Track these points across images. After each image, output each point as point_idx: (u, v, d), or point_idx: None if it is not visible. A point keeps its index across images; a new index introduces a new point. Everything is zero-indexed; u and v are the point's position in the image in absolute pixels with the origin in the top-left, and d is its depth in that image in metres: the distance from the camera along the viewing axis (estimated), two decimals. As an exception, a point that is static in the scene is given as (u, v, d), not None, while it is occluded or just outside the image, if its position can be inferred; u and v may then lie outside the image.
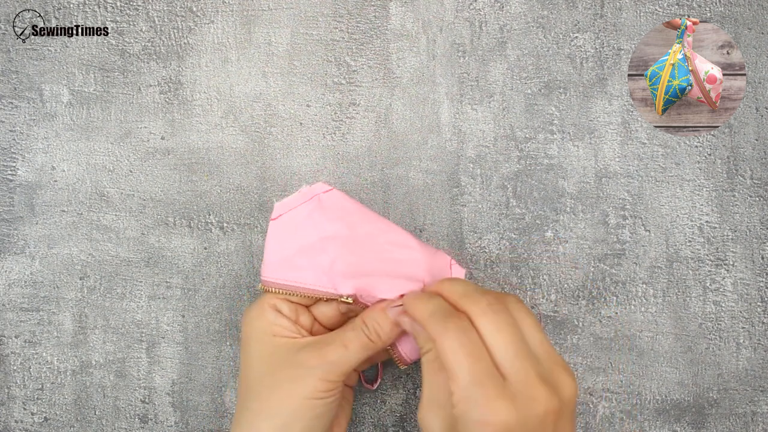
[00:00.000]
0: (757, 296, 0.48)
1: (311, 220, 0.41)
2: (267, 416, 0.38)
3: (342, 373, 0.39)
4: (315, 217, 0.41)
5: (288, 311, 0.41)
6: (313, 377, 0.38)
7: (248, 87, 0.48)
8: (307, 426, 0.38)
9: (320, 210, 0.42)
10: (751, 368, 0.47)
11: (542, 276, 0.47)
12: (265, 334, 0.40)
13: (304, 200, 0.42)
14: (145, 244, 0.47)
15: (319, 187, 0.42)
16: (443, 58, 0.48)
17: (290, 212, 0.42)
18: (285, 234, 0.41)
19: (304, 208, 0.42)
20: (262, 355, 0.40)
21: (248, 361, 0.40)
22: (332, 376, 0.38)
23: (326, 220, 0.41)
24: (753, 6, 0.48)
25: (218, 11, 0.48)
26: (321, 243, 0.41)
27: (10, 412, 0.47)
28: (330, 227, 0.41)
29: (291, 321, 0.40)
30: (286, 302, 0.41)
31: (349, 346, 0.39)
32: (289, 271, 0.41)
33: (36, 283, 0.47)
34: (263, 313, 0.40)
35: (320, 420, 0.39)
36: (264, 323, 0.40)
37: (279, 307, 0.41)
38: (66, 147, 0.47)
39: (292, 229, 0.41)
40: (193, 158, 0.47)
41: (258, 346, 0.40)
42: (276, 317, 0.40)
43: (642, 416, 0.47)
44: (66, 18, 0.47)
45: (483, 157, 0.48)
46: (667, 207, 0.48)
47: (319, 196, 0.42)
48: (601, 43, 0.48)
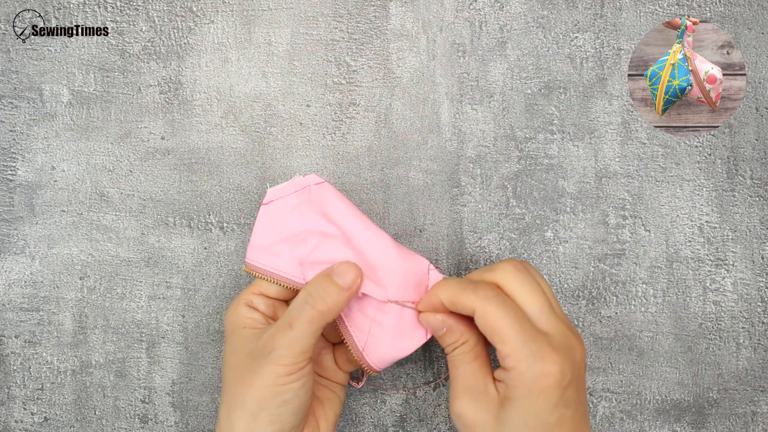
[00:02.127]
0: (757, 296, 0.48)
1: (298, 212, 0.42)
2: (237, 407, 0.38)
3: (294, 354, 0.38)
4: (302, 209, 0.42)
5: (264, 307, 0.41)
6: (270, 363, 0.37)
7: (248, 87, 0.48)
8: (274, 414, 0.38)
9: (308, 203, 0.42)
10: (751, 368, 0.47)
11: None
12: (237, 327, 0.40)
13: (295, 189, 0.43)
14: (145, 244, 0.47)
15: (311, 179, 0.43)
16: (443, 58, 0.48)
17: (281, 199, 0.43)
18: (273, 220, 0.42)
19: (295, 198, 0.42)
20: (233, 349, 0.40)
21: (224, 356, 0.41)
22: (285, 360, 0.37)
23: (312, 214, 0.42)
24: (753, 6, 0.48)
25: (218, 11, 0.48)
26: (303, 235, 0.41)
27: (10, 412, 0.47)
28: (315, 221, 0.42)
29: (264, 315, 0.41)
30: (262, 298, 0.41)
31: (294, 324, 0.38)
32: (270, 257, 0.42)
33: (36, 283, 0.47)
34: (237, 308, 0.41)
35: (288, 406, 0.38)
36: (237, 317, 0.41)
37: (254, 303, 0.41)
38: (66, 147, 0.47)
39: (280, 217, 0.42)
40: (193, 158, 0.47)
41: (230, 340, 0.40)
42: (248, 311, 0.41)
43: (642, 416, 0.47)
44: (66, 18, 0.47)
45: (483, 157, 0.48)
46: (667, 207, 0.48)
47: (310, 188, 0.43)
48: (601, 43, 0.48)
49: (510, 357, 0.37)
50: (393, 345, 0.41)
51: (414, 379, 0.47)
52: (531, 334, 0.37)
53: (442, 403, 0.47)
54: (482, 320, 0.37)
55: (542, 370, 0.36)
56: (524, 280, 0.39)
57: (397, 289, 0.41)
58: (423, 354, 0.47)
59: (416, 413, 0.47)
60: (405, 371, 0.47)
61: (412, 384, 0.47)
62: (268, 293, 0.42)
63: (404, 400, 0.47)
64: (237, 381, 0.39)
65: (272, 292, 0.42)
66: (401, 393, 0.47)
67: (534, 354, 0.36)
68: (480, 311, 0.37)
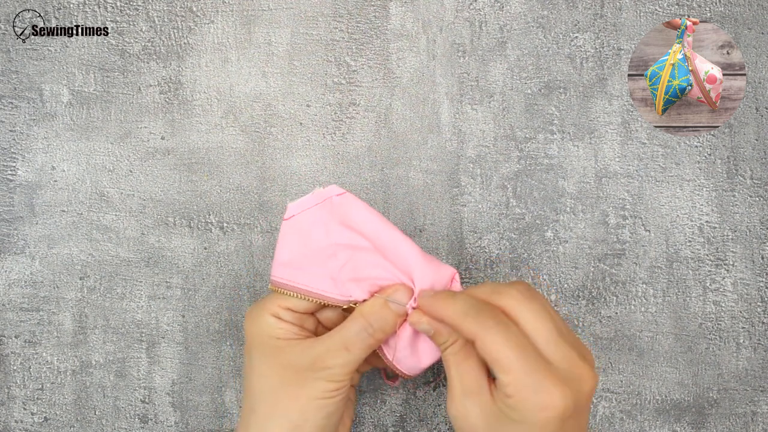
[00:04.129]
0: (757, 296, 0.48)
1: (323, 224, 0.41)
2: (276, 418, 0.38)
3: (347, 373, 0.39)
4: (327, 221, 0.41)
5: (290, 318, 0.40)
6: (320, 380, 0.38)
7: (248, 87, 0.48)
8: (317, 426, 0.39)
9: (331, 214, 0.41)
10: (751, 368, 0.47)
11: (542, 276, 0.47)
12: (268, 337, 0.40)
13: (317, 201, 0.41)
14: (145, 244, 0.47)
15: (332, 190, 0.41)
16: (443, 58, 0.48)
17: (302, 213, 0.41)
18: (296, 235, 0.41)
19: (317, 210, 0.41)
20: (266, 359, 0.40)
21: (252, 365, 0.40)
22: (338, 377, 0.39)
23: (337, 225, 0.41)
24: (753, 6, 0.48)
25: (218, 11, 0.48)
26: (332, 248, 0.41)
27: (10, 412, 0.47)
28: (341, 233, 0.41)
29: (294, 325, 0.40)
30: (288, 311, 0.40)
31: (352, 349, 0.39)
32: (298, 274, 0.41)
33: (36, 283, 0.47)
34: (264, 319, 0.40)
35: (332, 419, 0.39)
36: (265, 327, 0.40)
37: (280, 315, 0.40)
38: (66, 147, 0.47)
39: (304, 231, 0.41)
40: (193, 158, 0.47)
41: (261, 349, 0.40)
42: (277, 322, 0.40)
43: (642, 416, 0.47)
44: (66, 18, 0.47)
45: (483, 157, 0.48)
46: (667, 207, 0.48)
47: (331, 199, 0.41)
48: (601, 43, 0.48)
49: (510, 386, 0.35)
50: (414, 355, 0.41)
51: (414, 379, 0.47)
52: (534, 365, 0.35)
53: (442, 403, 0.47)
54: (483, 350, 0.36)
55: (544, 403, 0.34)
56: (531, 306, 0.37)
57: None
58: (423, 354, 0.47)
59: (416, 413, 0.47)
60: (405, 371, 0.47)
61: (412, 384, 0.47)
62: (297, 309, 0.41)
63: (404, 400, 0.47)
64: (277, 391, 0.39)
65: (301, 307, 0.41)
66: (401, 393, 0.47)
67: (536, 386, 0.35)
68: (480, 341, 0.36)
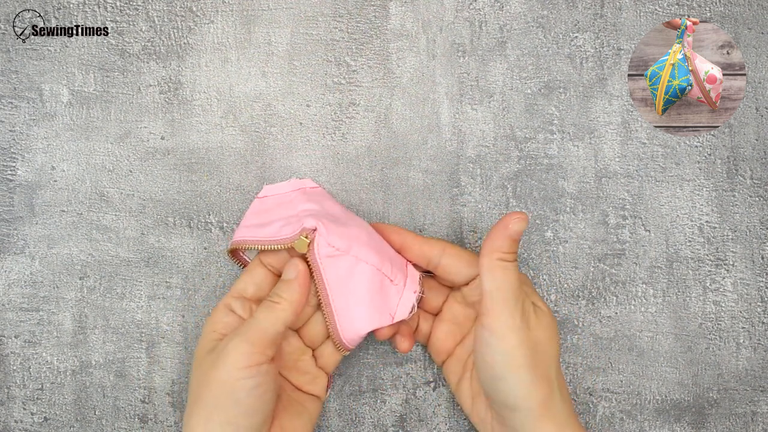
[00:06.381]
0: (757, 296, 0.48)
1: (292, 203, 0.43)
2: (195, 408, 0.38)
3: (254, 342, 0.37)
4: (297, 200, 0.43)
5: (241, 310, 0.41)
6: (226, 356, 0.37)
7: (248, 87, 0.48)
8: (227, 414, 0.37)
9: (303, 197, 0.44)
10: (751, 368, 0.47)
11: (542, 276, 0.47)
12: (207, 331, 0.41)
13: (291, 189, 0.45)
14: (145, 244, 0.47)
15: (307, 182, 0.45)
16: (443, 58, 0.48)
17: (276, 195, 0.44)
18: (265, 211, 0.43)
19: (290, 194, 0.44)
20: (200, 352, 0.40)
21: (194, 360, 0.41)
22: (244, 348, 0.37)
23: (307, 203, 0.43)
24: (753, 6, 0.48)
25: (218, 11, 0.48)
26: (299, 214, 0.42)
27: (10, 412, 0.47)
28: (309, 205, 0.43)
29: (239, 319, 0.41)
30: (240, 300, 0.41)
31: (258, 315, 0.39)
32: (257, 230, 0.42)
33: (36, 283, 0.47)
34: (215, 314, 0.41)
35: (241, 407, 0.37)
36: (211, 323, 0.41)
37: (233, 306, 0.41)
38: (66, 147, 0.47)
39: (272, 207, 0.43)
40: (193, 158, 0.47)
41: (200, 343, 0.41)
42: (224, 315, 0.41)
43: (642, 416, 0.47)
44: (66, 18, 0.47)
45: (483, 157, 0.48)
46: (667, 207, 0.48)
47: (305, 189, 0.45)
48: (601, 43, 0.48)
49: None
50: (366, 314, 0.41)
51: (414, 379, 0.47)
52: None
53: (442, 403, 0.47)
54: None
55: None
56: None
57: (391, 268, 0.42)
58: (423, 354, 0.47)
59: (416, 413, 0.47)
60: (405, 371, 0.47)
61: (412, 384, 0.47)
62: (246, 293, 0.42)
63: (404, 400, 0.47)
64: (198, 379, 0.39)
65: (250, 290, 0.42)
66: (401, 393, 0.47)
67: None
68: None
